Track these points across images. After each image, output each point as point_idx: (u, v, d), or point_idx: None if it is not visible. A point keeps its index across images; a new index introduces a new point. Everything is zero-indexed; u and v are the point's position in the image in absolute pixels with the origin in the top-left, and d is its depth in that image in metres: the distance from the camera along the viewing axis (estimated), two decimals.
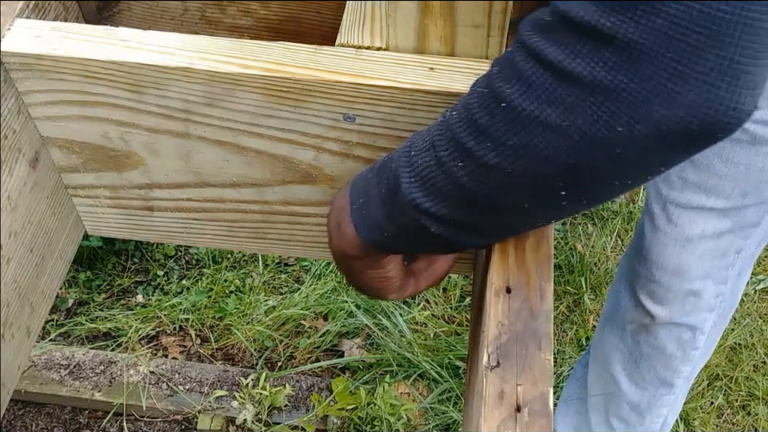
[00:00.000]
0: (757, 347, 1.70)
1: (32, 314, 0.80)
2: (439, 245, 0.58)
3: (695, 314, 1.11)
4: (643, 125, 0.43)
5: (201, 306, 1.70)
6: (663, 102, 0.42)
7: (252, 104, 0.69)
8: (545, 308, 0.57)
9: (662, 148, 0.45)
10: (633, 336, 1.18)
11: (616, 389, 1.26)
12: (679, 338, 1.14)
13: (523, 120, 0.47)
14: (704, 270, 1.06)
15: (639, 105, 0.43)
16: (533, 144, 0.47)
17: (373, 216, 0.58)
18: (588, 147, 0.45)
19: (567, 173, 0.47)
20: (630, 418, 1.28)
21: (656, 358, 1.18)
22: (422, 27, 0.66)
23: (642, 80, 0.42)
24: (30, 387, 1.56)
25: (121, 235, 0.87)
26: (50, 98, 0.72)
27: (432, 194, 0.53)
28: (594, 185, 0.49)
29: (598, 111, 0.44)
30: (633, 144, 0.45)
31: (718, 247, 1.04)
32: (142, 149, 0.75)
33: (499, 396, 0.52)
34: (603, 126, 0.44)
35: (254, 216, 0.81)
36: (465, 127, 0.50)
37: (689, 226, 1.01)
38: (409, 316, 1.68)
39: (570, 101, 0.45)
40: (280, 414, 1.56)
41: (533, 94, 0.46)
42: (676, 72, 0.42)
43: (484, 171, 0.50)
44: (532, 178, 0.49)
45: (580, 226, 1.90)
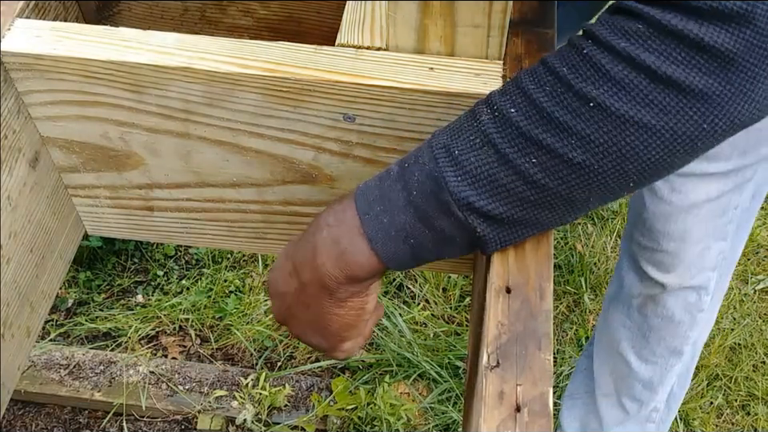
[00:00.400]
0: (756, 347, 1.70)
1: (32, 313, 0.80)
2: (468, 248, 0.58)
3: (700, 275, 1.14)
4: (724, 122, 0.49)
5: (201, 306, 1.70)
6: (741, 100, 0.48)
7: (252, 104, 0.69)
8: (544, 308, 0.57)
9: (726, 137, 0.51)
10: (639, 310, 1.20)
11: (626, 369, 1.27)
12: (686, 301, 1.16)
13: (616, 120, 0.50)
14: (707, 231, 1.09)
15: (724, 105, 0.49)
16: (624, 142, 0.50)
17: (395, 223, 0.56)
18: (675, 144, 0.50)
19: (649, 168, 0.52)
20: (642, 396, 1.29)
21: (665, 328, 1.20)
22: (422, 27, 0.66)
23: (728, 83, 0.48)
24: (30, 387, 1.56)
25: (121, 235, 0.87)
26: (49, 97, 0.72)
27: (489, 192, 0.54)
28: (663, 174, 0.53)
29: (689, 112, 0.49)
30: (711, 139, 0.50)
31: (718, 207, 1.07)
32: (142, 149, 0.75)
33: (499, 396, 0.52)
34: (692, 125, 0.49)
35: (253, 216, 0.81)
36: (537, 123, 0.52)
37: (693, 192, 1.04)
38: (409, 316, 1.68)
39: (665, 103, 0.49)
40: (280, 414, 1.56)
41: (627, 95, 0.49)
42: (753, 74, 0.48)
43: (565, 167, 0.52)
44: (615, 174, 0.52)
45: (580, 226, 1.90)
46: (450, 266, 0.82)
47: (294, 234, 0.82)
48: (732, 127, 0.50)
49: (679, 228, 1.08)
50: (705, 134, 0.50)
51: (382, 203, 0.57)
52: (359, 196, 0.58)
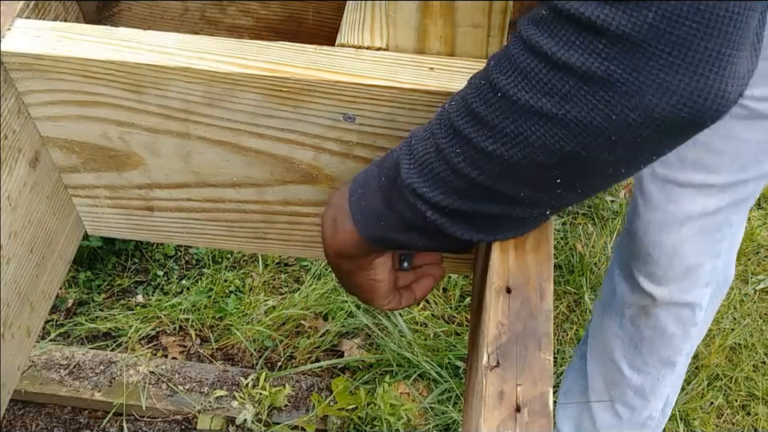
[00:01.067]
0: (757, 347, 1.70)
1: (32, 313, 0.80)
2: (434, 235, 0.59)
3: (693, 291, 1.12)
4: (637, 113, 0.45)
5: (201, 306, 1.70)
6: (656, 91, 0.45)
7: (252, 104, 0.69)
8: (545, 308, 0.57)
9: (654, 136, 0.47)
10: (632, 321, 1.19)
11: (619, 376, 1.26)
12: (679, 316, 1.15)
13: (519, 109, 0.48)
14: (701, 247, 1.07)
15: (633, 94, 0.45)
16: (529, 132, 0.49)
17: (371, 205, 0.60)
18: (584, 135, 0.47)
19: (563, 161, 0.49)
20: (634, 402, 1.28)
21: (657, 340, 1.19)
22: (422, 27, 0.66)
23: (634, 70, 0.44)
24: (30, 387, 1.56)
25: (121, 235, 0.87)
26: (49, 97, 0.72)
27: (429, 180, 0.55)
28: (589, 173, 0.51)
29: (592, 100, 0.46)
30: (627, 132, 0.46)
31: (714, 222, 1.05)
32: (142, 149, 0.75)
33: (499, 396, 0.52)
34: (598, 114, 0.46)
35: (253, 216, 0.81)
36: (462, 116, 0.52)
37: (690, 204, 1.03)
38: (409, 316, 1.68)
39: (564, 90, 0.46)
40: (280, 414, 1.56)
41: (528, 84, 0.48)
42: (667, 63, 0.44)
43: (482, 158, 0.52)
44: (528, 165, 0.50)
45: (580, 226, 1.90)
46: (450, 265, 0.82)
47: (294, 234, 0.83)
48: (656, 123, 0.46)
49: (672, 239, 1.06)
50: (616, 125, 0.46)
51: (363, 187, 0.61)
52: (353, 180, 0.63)
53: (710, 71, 0.44)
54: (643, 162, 0.51)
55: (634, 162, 0.50)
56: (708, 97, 0.45)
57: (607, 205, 1.94)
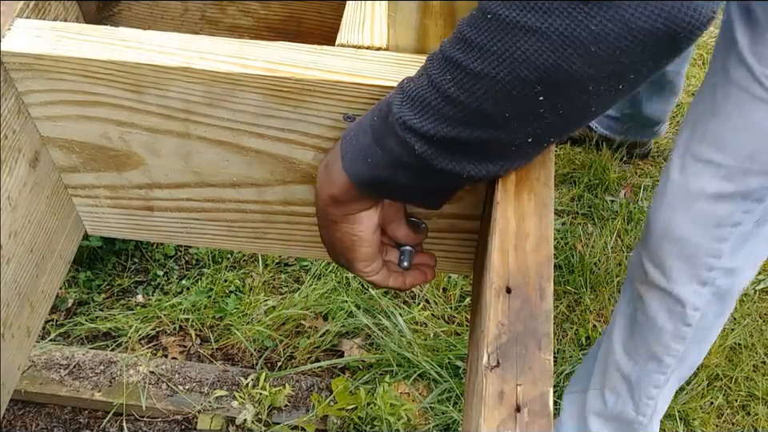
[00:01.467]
0: (757, 347, 1.70)
1: (32, 313, 0.80)
2: (420, 172, 0.61)
3: (684, 285, 1.13)
4: (614, 23, 0.49)
5: (201, 306, 1.70)
6: (631, 2, 0.48)
7: (252, 104, 0.69)
8: (545, 308, 0.57)
9: (632, 49, 0.50)
10: (633, 303, 1.20)
11: (612, 356, 1.27)
12: (670, 309, 1.16)
13: (506, 26, 0.52)
14: (695, 235, 1.08)
15: (610, 5, 0.48)
16: (515, 47, 0.52)
17: (361, 143, 0.62)
18: (565, 47, 0.50)
19: (546, 75, 0.52)
20: (621, 389, 1.29)
21: (648, 330, 1.19)
22: (422, 27, 0.66)
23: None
24: (30, 387, 1.56)
25: (121, 235, 0.87)
26: (49, 97, 0.72)
27: (420, 111, 0.58)
28: (571, 89, 0.53)
29: (573, 12, 0.49)
30: (605, 42, 0.50)
31: (713, 213, 1.06)
32: (142, 149, 0.75)
33: (499, 396, 0.52)
34: (578, 25, 0.49)
35: (253, 216, 0.81)
36: (454, 44, 0.56)
37: (693, 178, 1.05)
38: (409, 316, 1.68)
39: (546, 5, 0.50)
40: (280, 414, 1.56)
41: (515, 2, 0.51)
42: None
43: (470, 79, 0.55)
44: (513, 82, 0.53)
45: (580, 226, 1.90)
46: (451, 265, 0.82)
47: (294, 234, 0.83)
48: (629, 30, 0.49)
49: (667, 212, 1.08)
50: (595, 36, 0.49)
51: (356, 129, 0.63)
52: (348, 127, 0.66)
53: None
54: (622, 80, 0.53)
55: (614, 79, 0.52)
56: (681, 9, 0.48)
57: (607, 205, 1.94)
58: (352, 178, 0.63)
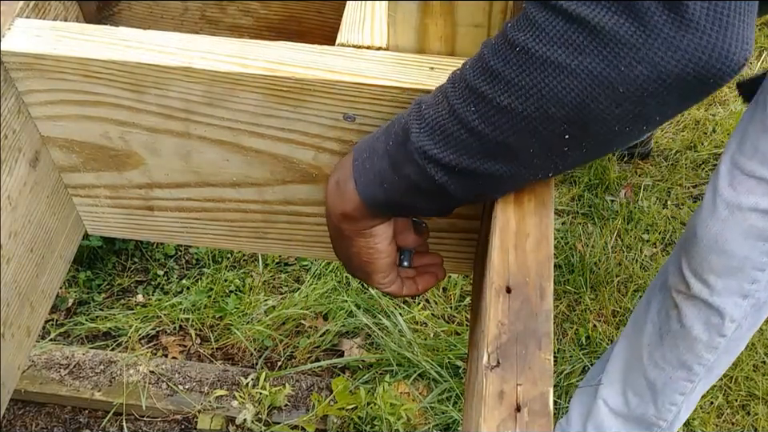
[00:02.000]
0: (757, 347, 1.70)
1: (32, 313, 0.80)
2: (435, 197, 0.61)
3: (727, 297, 1.12)
4: (644, 66, 0.49)
5: (201, 306, 1.70)
6: (662, 45, 0.48)
7: (252, 104, 0.69)
8: (545, 308, 0.57)
9: (661, 92, 0.50)
10: (667, 311, 1.19)
11: (638, 361, 1.26)
12: (708, 320, 1.15)
13: (536, 61, 0.51)
14: (744, 249, 1.07)
15: (640, 47, 0.48)
16: (543, 84, 0.51)
17: (376, 168, 0.61)
18: (593, 86, 0.50)
19: (573, 112, 0.52)
20: (644, 393, 1.28)
21: (681, 338, 1.18)
22: (423, 27, 0.66)
23: (641, 24, 0.48)
24: (30, 387, 1.56)
25: (121, 235, 0.87)
26: (50, 97, 0.72)
27: (441, 141, 0.57)
28: (596, 128, 0.53)
29: (603, 52, 0.49)
30: (634, 84, 0.50)
31: (765, 228, 1.05)
32: (142, 148, 0.75)
33: (499, 396, 0.52)
34: (608, 65, 0.49)
35: (254, 216, 0.81)
36: (479, 74, 0.55)
37: (744, 194, 1.04)
38: (409, 315, 1.68)
39: (578, 42, 0.50)
40: (280, 413, 1.56)
41: (545, 37, 0.51)
42: (672, 19, 0.47)
43: (496, 113, 0.54)
44: (540, 118, 0.53)
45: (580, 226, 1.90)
46: (451, 265, 0.82)
47: (295, 234, 0.83)
48: (661, 77, 0.49)
49: (718, 226, 1.07)
50: (624, 78, 0.49)
51: (368, 151, 0.63)
52: (357, 145, 0.65)
53: (711, 30, 0.47)
54: (648, 121, 0.53)
55: (639, 120, 0.52)
56: (712, 55, 0.48)
57: (607, 204, 1.94)
58: (367, 202, 0.63)
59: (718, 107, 2.18)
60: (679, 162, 2.04)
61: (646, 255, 1.84)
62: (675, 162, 2.04)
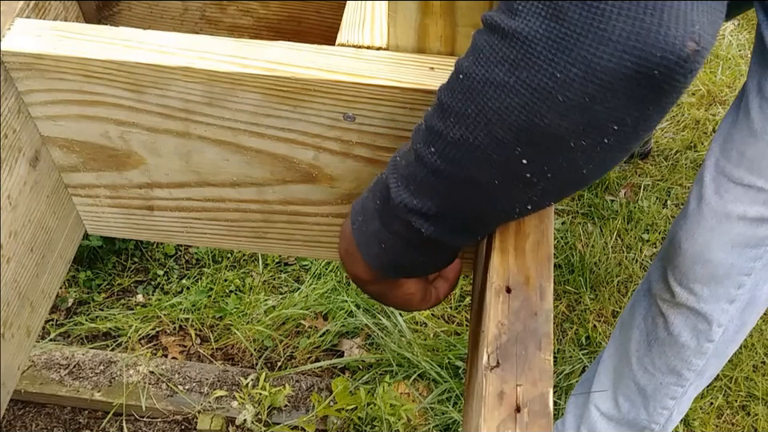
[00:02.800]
0: (756, 347, 1.70)
1: (32, 313, 0.80)
2: (436, 249, 0.59)
3: (714, 303, 1.10)
4: (577, 66, 0.44)
5: (201, 306, 1.70)
6: (592, 41, 0.43)
7: (252, 104, 0.69)
8: (545, 308, 0.57)
9: (602, 94, 0.45)
10: (653, 318, 1.18)
11: (627, 367, 1.26)
12: (695, 327, 1.13)
13: (476, 85, 0.49)
14: (731, 257, 1.05)
15: (572, 48, 0.44)
16: (487, 107, 0.49)
17: (371, 229, 0.60)
18: (534, 100, 0.47)
19: (520, 132, 0.49)
20: (635, 398, 1.27)
21: (669, 345, 1.17)
22: (423, 27, 0.66)
23: (570, 24, 0.44)
24: (30, 387, 1.56)
25: (121, 235, 0.87)
26: (50, 97, 0.72)
27: (416, 191, 0.55)
28: (550, 147, 0.49)
29: (537, 61, 0.46)
30: (571, 89, 0.45)
31: (753, 236, 1.02)
32: (142, 148, 0.75)
33: (499, 396, 0.52)
34: (544, 74, 0.46)
35: (253, 215, 0.81)
36: (433, 112, 0.53)
37: (732, 202, 1.01)
38: (409, 316, 1.68)
39: (512, 57, 0.47)
40: (280, 414, 1.56)
41: (483, 58, 0.49)
42: (599, 10, 0.43)
43: (452, 148, 0.52)
44: (491, 144, 0.50)
45: (580, 226, 1.90)
46: None
47: (294, 234, 0.83)
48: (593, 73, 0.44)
49: (705, 237, 1.04)
50: (561, 84, 0.45)
51: (362, 213, 0.61)
52: (352, 207, 0.63)
53: (644, 14, 0.42)
54: (606, 133, 0.48)
55: (595, 132, 0.48)
56: (647, 41, 0.43)
57: (607, 204, 1.93)
58: (373, 264, 0.61)
59: (718, 107, 2.18)
60: (679, 161, 2.04)
61: (646, 255, 1.84)
62: (675, 162, 2.04)
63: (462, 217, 0.56)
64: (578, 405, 1.40)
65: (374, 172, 0.73)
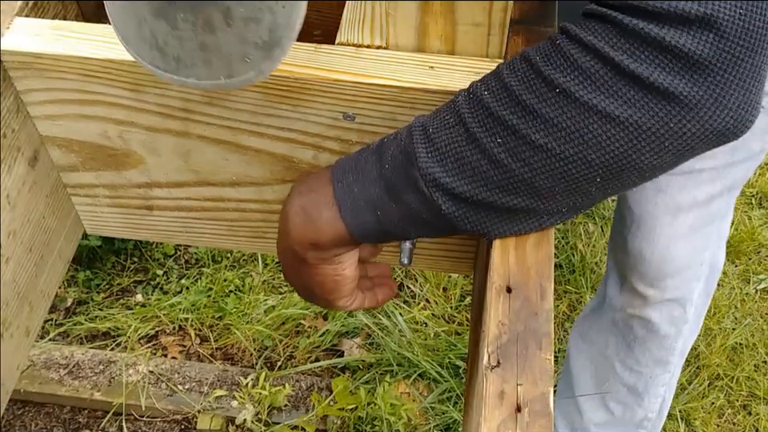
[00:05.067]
0: (758, 347, 1.70)
1: (31, 313, 0.80)
2: (437, 227, 0.58)
3: (684, 287, 1.12)
4: (693, 124, 0.50)
5: (200, 306, 1.70)
6: (712, 105, 0.49)
7: (252, 103, 0.68)
8: (545, 308, 0.56)
9: (702, 145, 0.52)
10: (625, 321, 1.18)
11: (611, 372, 1.25)
12: (671, 315, 1.15)
13: (580, 107, 0.51)
14: (693, 243, 1.06)
15: (693, 107, 0.49)
16: (587, 129, 0.51)
17: (367, 193, 0.58)
18: (640, 139, 0.50)
19: (613, 161, 0.52)
20: (627, 400, 1.27)
21: (650, 340, 1.18)
22: (423, 25, 0.66)
23: (695, 85, 0.49)
24: (29, 387, 1.56)
25: (120, 235, 0.87)
26: (48, 96, 0.72)
27: (455, 170, 0.55)
28: (631, 175, 0.53)
29: (654, 108, 0.49)
30: (681, 140, 0.51)
31: (707, 214, 1.04)
32: (141, 148, 0.75)
33: (499, 396, 0.52)
34: (658, 121, 0.50)
35: (253, 215, 0.81)
36: (506, 105, 0.53)
37: (680, 193, 1.01)
38: (409, 315, 1.68)
39: (629, 96, 0.50)
40: (280, 413, 1.56)
41: (592, 85, 0.50)
42: (723, 79, 0.49)
43: (528, 149, 0.53)
44: (578, 162, 0.52)
45: (581, 226, 1.90)
46: (451, 265, 0.81)
47: None
48: (706, 133, 0.50)
49: (665, 235, 1.04)
50: (672, 133, 0.50)
51: (355, 173, 0.59)
52: (336, 166, 0.61)
53: (753, 85, 0.50)
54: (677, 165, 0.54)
55: (670, 167, 0.53)
56: (749, 109, 0.50)
57: (608, 204, 1.93)
58: (354, 231, 0.58)
59: None
60: None
61: None
62: None
63: (495, 208, 0.56)
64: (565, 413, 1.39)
65: None
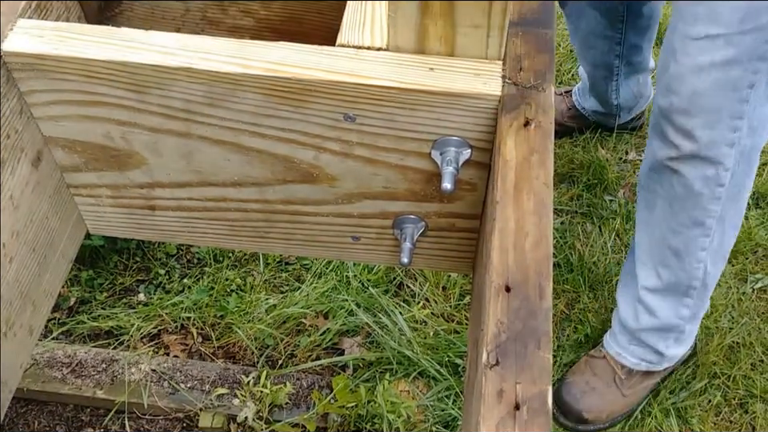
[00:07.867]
0: (755, 346, 1.70)
1: (34, 312, 0.80)
2: None
3: (714, 148, 1.23)
4: None
5: (202, 305, 1.71)
6: None
7: (253, 104, 0.69)
8: (544, 307, 0.57)
9: None
10: (668, 180, 1.31)
11: (660, 237, 1.39)
12: (704, 174, 1.26)
13: None
14: (717, 101, 1.18)
15: None
16: None
17: None
18: None
19: None
20: (671, 262, 1.40)
21: (686, 197, 1.30)
22: (422, 27, 0.66)
23: None
24: (33, 385, 1.56)
25: (122, 234, 0.88)
26: (51, 97, 0.72)
27: None
28: None
29: None
30: None
31: (727, 78, 1.16)
32: (143, 148, 0.76)
33: (498, 394, 0.53)
34: None
35: (255, 215, 0.81)
36: None
37: (699, 54, 1.17)
38: (408, 314, 1.68)
39: None
40: (281, 411, 1.56)
41: None
42: None
43: None
44: None
45: (579, 225, 1.90)
46: (450, 264, 0.82)
47: (295, 233, 0.83)
48: None
49: (688, 88, 1.18)
50: None
51: None
52: None
53: None
54: None
55: None
56: None
57: (606, 204, 1.94)
58: None
59: None
60: None
61: None
62: None
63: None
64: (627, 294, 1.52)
65: (374, 172, 0.73)
